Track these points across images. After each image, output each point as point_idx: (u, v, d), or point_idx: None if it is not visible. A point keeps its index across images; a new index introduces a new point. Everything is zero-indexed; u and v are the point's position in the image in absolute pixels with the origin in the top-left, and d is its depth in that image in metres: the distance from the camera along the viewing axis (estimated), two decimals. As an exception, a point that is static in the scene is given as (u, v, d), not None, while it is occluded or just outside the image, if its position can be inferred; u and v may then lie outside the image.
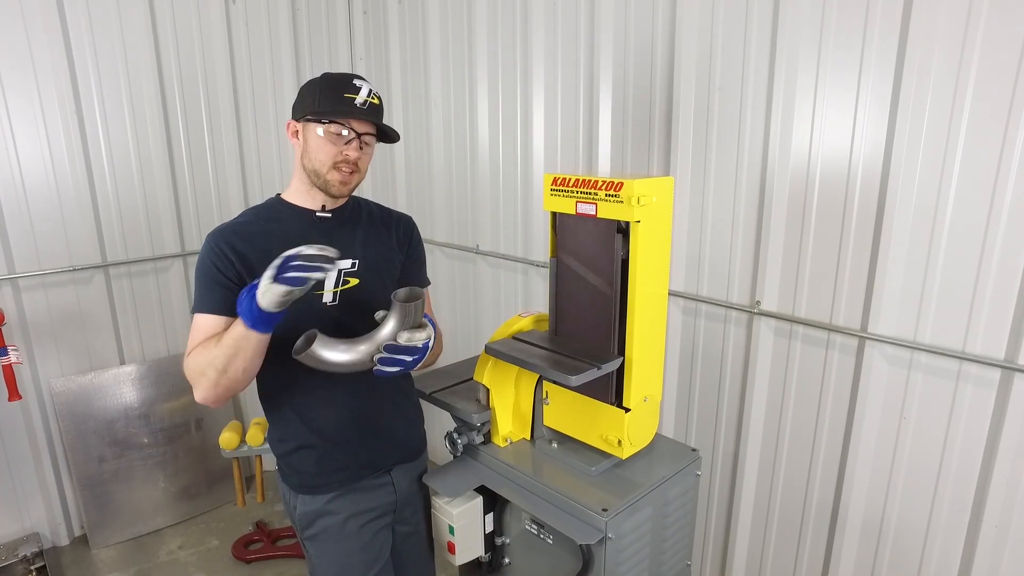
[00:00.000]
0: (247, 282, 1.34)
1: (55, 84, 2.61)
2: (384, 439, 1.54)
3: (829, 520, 1.97)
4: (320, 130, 1.36)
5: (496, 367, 1.57)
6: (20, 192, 2.60)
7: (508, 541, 1.62)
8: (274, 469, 3.38)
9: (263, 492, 2.92)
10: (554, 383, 1.55)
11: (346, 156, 1.37)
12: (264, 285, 1.15)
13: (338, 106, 1.35)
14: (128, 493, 2.94)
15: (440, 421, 2.36)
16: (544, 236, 2.59)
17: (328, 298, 1.40)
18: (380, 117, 1.41)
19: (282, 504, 3.19)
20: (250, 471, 3.14)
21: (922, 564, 1.77)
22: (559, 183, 1.43)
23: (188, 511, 3.11)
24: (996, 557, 1.64)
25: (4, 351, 2.49)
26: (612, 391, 1.46)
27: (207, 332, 1.31)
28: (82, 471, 2.83)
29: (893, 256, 1.69)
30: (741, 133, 1.95)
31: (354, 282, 1.44)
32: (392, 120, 3.24)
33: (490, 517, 1.59)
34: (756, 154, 1.92)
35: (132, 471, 2.95)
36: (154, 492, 3.01)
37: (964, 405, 1.64)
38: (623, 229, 1.37)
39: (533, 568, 1.57)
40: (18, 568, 2.62)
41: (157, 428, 3.00)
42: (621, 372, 1.44)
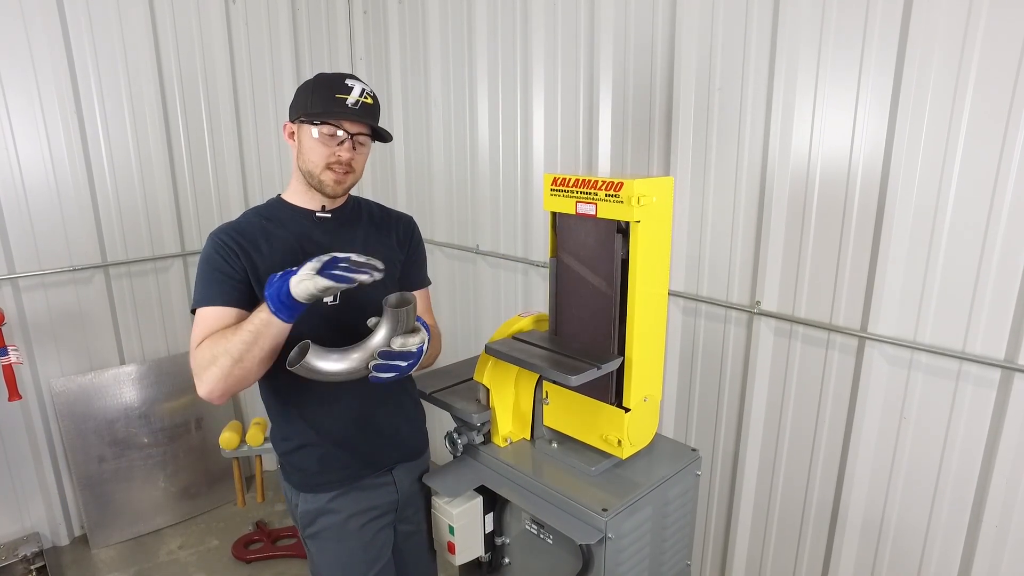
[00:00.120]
0: (251, 279, 1.35)
1: (55, 84, 2.61)
2: (386, 438, 1.54)
3: (829, 520, 1.97)
4: (314, 131, 1.36)
5: (496, 367, 1.57)
6: (20, 192, 2.60)
7: (508, 541, 1.62)
8: (274, 469, 3.42)
9: (263, 492, 2.92)
10: (554, 383, 1.55)
11: (339, 157, 1.37)
12: (304, 274, 1.16)
13: (330, 107, 1.35)
14: (128, 493, 2.95)
15: (440, 421, 2.36)
16: (544, 236, 2.59)
17: (329, 298, 1.41)
18: (374, 117, 1.41)
19: (282, 504, 3.22)
20: (250, 471, 3.14)
21: (922, 564, 1.77)
22: (559, 183, 1.43)
23: (188, 511, 3.11)
24: (996, 557, 1.64)
25: (4, 351, 2.50)
26: (612, 391, 1.46)
27: (215, 324, 1.31)
28: (82, 471, 2.83)
29: (893, 256, 1.69)
30: (741, 133, 1.95)
31: None
32: (392, 120, 3.24)
33: (490, 517, 1.59)
34: (756, 154, 1.93)
35: (132, 471, 2.95)
36: (154, 492, 3.02)
37: (964, 405, 1.64)
38: (623, 229, 1.37)
39: (533, 568, 1.57)
40: (18, 568, 2.62)
41: (157, 428, 3.00)
42: (621, 372, 1.44)
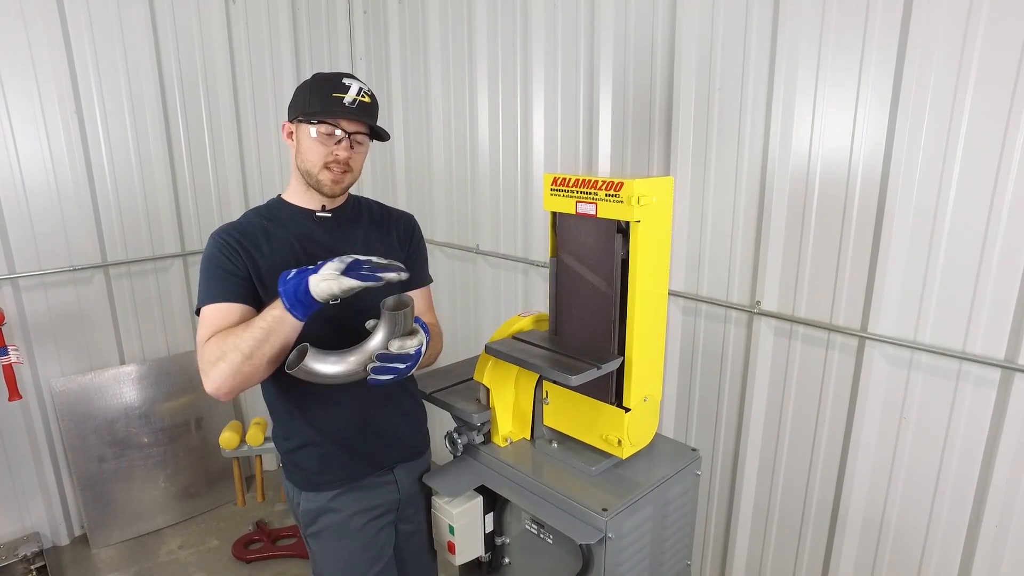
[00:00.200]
0: (254, 278, 1.35)
1: (55, 84, 2.61)
2: (386, 438, 1.54)
3: (829, 520, 1.97)
4: (311, 131, 1.36)
5: (496, 367, 1.57)
6: (20, 192, 2.60)
7: (508, 541, 1.62)
8: (274, 469, 3.42)
9: (263, 492, 2.92)
10: (554, 383, 1.55)
11: (336, 156, 1.37)
12: (327, 274, 1.17)
13: (327, 106, 1.35)
14: (128, 493, 2.95)
15: (440, 421, 2.36)
16: (544, 236, 2.59)
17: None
18: (372, 115, 1.41)
19: (282, 504, 3.22)
20: (250, 471, 3.15)
21: (922, 564, 1.77)
22: (559, 183, 1.43)
23: (188, 511, 3.11)
24: (996, 557, 1.64)
25: (4, 351, 2.50)
26: (612, 391, 1.46)
27: (221, 321, 1.30)
28: (82, 471, 2.83)
29: (893, 256, 1.69)
30: (741, 133, 1.95)
31: None
32: (392, 120, 3.24)
33: (490, 517, 1.59)
34: (756, 154, 1.92)
35: (132, 471, 2.95)
36: (154, 492, 3.02)
37: (964, 405, 1.64)
38: (623, 229, 1.37)
39: (533, 568, 1.57)
40: (18, 568, 2.62)
41: (157, 428, 3.00)
42: (621, 372, 1.44)
